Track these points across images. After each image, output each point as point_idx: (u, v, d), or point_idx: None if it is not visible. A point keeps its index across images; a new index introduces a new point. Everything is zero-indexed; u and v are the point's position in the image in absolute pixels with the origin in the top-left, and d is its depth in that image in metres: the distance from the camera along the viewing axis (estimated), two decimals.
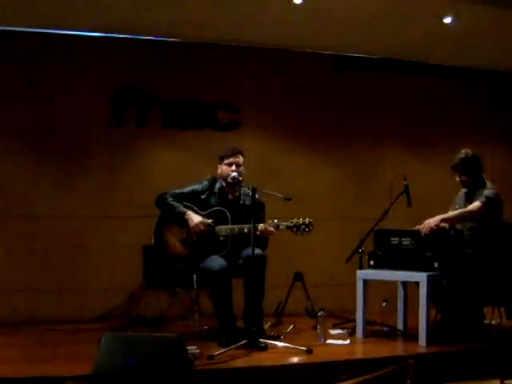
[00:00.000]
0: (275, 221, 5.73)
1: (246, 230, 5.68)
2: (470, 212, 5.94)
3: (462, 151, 6.17)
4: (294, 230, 5.66)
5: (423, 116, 8.80)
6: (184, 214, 5.89)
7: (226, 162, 5.99)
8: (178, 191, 6.04)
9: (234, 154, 6.00)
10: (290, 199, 5.57)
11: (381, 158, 8.61)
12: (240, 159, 6.02)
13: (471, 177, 6.13)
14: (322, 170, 8.36)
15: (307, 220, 5.67)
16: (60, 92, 7.36)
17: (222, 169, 6.04)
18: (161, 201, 6.00)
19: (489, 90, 9.11)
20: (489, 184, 6.13)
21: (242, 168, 6.01)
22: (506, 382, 5.17)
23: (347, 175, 8.48)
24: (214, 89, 7.90)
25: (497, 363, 5.45)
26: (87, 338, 5.83)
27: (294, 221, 5.67)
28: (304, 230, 5.64)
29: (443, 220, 5.89)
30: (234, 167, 5.94)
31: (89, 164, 7.45)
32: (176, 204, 5.95)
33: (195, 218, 5.87)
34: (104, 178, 7.48)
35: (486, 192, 5.99)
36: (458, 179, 6.21)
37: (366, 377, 1.42)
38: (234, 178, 5.89)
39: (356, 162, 8.51)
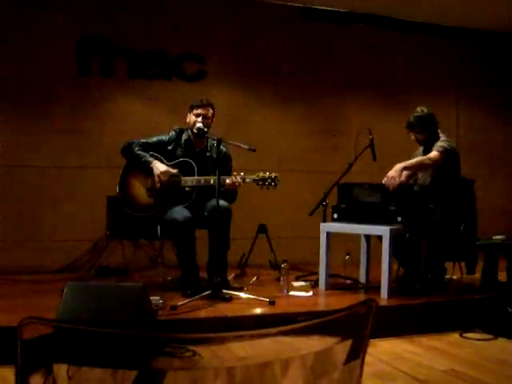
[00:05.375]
0: (241, 174, 5.70)
1: (212, 182, 5.66)
2: (429, 159, 5.92)
3: (418, 109, 6.19)
4: (260, 183, 5.65)
5: (390, 70, 8.81)
6: (150, 163, 5.85)
7: (195, 112, 5.94)
8: (144, 141, 5.99)
9: (203, 106, 5.95)
10: (254, 150, 5.55)
11: (347, 111, 8.62)
12: (209, 112, 5.98)
13: (427, 134, 6.15)
14: (289, 122, 8.36)
15: (273, 174, 5.65)
16: (23, 41, 7.20)
17: (190, 118, 5.99)
18: (127, 150, 5.95)
19: (453, 45, 9.14)
20: (443, 137, 6.15)
21: (209, 121, 5.97)
22: (465, 334, 5.28)
23: (313, 128, 8.47)
24: (180, 39, 7.81)
25: (457, 317, 5.55)
26: (50, 289, 5.76)
27: (261, 174, 5.66)
28: (270, 184, 5.64)
29: (404, 168, 5.89)
30: (200, 118, 5.91)
31: (53, 114, 7.33)
32: (142, 153, 5.90)
33: (161, 167, 5.84)
34: (68, 128, 7.37)
35: (442, 143, 6.02)
36: (413, 137, 6.24)
37: (329, 317, 1.43)
38: (199, 128, 5.83)
39: (322, 115, 8.51)
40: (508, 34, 9.23)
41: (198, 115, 5.92)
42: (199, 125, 5.84)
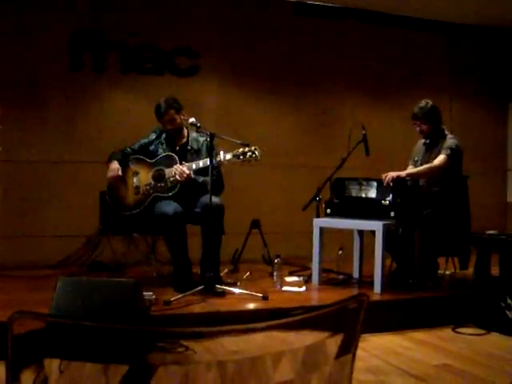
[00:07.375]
0: (221, 152, 5.66)
1: (194, 167, 5.72)
2: (437, 167, 5.94)
3: (422, 101, 6.22)
4: (241, 157, 5.57)
5: (384, 65, 8.80)
6: (109, 163, 5.99)
7: (161, 122, 6.03)
8: (128, 148, 6.11)
9: (163, 114, 5.98)
10: (247, 145, 5.55)
11: (340, 107, 8.61)
12: (172, 114, 5.97)
13: (431, 126, 6.16)
14: (282, 117, 8.34)
15: (253, 147, 5.60)
16: (15, 36, 7.17)
17: (162, 124, 6.07)
18: (108, 159, 6.06)
19: (447, 41, 9.14)
20: (449, 135, 6.18)
21: (178, 119, 5.99)
22: (457, 329, 5.29)
23: (306, 123, 8.47)
24: (173, 34, 7.78)
25: (449, 312, 5.56)
26: (44, 285, 5.76)
27: (241, 150, 5.61)
28: (251, 156, 5.56)
29: (409, 175, 5.92)
30: (168, 125, 5.98)
31: (45, 109, 7.30)
32: (113, 156, 6.01)
33: (111, 166, 5.96)
34: (61, 123, 7.36)
35: (450, 143, 6.03)
36: (417, 129, 6.23)
37: (320, 312, 1.43)
38: (171, 130, 6.01)
39: (315, 110, 8.50)
40: (502, 29, 9.24)
41: (164, 123, 6.00)
42: (170, 127, 5.98)
